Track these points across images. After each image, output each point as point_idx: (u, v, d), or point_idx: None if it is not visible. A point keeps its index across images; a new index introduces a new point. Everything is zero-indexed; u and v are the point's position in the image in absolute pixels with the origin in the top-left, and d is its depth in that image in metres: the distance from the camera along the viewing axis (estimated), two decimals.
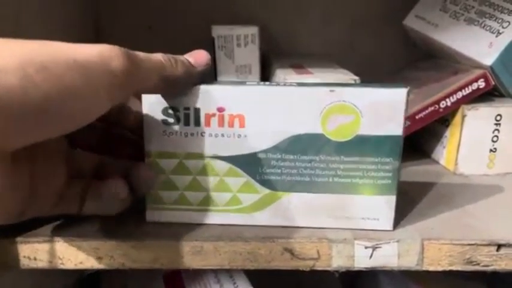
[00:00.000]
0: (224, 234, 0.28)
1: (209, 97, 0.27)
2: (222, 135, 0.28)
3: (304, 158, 0.28)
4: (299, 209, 0.29)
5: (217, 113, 0.27)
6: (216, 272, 0.40)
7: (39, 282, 0.40)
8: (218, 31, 0.41)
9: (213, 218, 0.29)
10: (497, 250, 0.27)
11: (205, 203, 0.29)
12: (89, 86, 0.20)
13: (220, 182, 0.28)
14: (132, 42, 0.54)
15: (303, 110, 0.27)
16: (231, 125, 0.27)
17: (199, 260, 0.28)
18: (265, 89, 0.27)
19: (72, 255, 0.28)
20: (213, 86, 0.27)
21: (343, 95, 0.27)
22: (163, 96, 0.27)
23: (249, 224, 0.29)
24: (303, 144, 0.27)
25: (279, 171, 0.28)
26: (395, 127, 0.27)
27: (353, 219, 0.28)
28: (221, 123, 0.27)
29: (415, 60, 0.51)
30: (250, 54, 0.41)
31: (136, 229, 0.29)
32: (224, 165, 0.28)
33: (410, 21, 0.48)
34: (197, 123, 0.28)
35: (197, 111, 0.27)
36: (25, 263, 0.28)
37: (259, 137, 0.28)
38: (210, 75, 0.29)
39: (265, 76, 0.44)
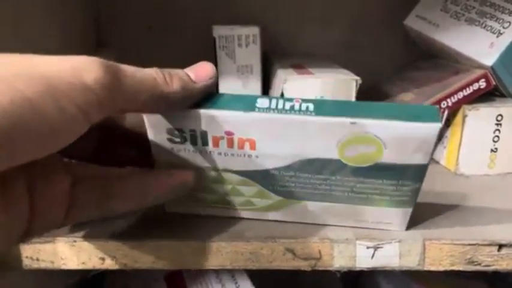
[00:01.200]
0: (226, 235, 0.28)
1: (215, 122, 0.25)
2: (232, 154, 0.26)
3: (319, 176, 0.26)
4: (313, 212, 0.28)
5: (226, 136, 0.25)
6: (218, 272, 0.40)
7: (41, 282, 0.40)
8: (219, 31, 0.41)
9: (228, 212, 0.29)
10: (499, 250, 0.28)
11: (220, 203, 0.29)
12: (59, 104, 0.18)
13: (233, 189, 0.28)
14: (132, 42, 0.54)
15: (320, 139, 0.25)
16: (241, 147, 0.26)
17: (201, 260, 0.28)
18: (278, 117, 0.24)
19: (74, 255, 0.28)
20: (219, 112, 0.25)
21: (365, 127, 0.24)
22: (164, 116, 0.25)
23: (263, 218, 0.29)
24: (318, 166, 0.26)
25: (293, 184, 0.27)
26: (422, 157, 0.24)
27: (366, 222, 0.28)
28: (230, 145, 0.26)
29: (415, 60, 0.51)
30: (251, 55, 0.41)
31: (138, 230, 0.29)
32: (236, 177, 0.27)
33: (411, 21, 0.49)
34: (205, 143, 0.26)
35: (204, 133, 0.25)
36: (27, 263, 0.28)
37: (271, 158, 0.26)
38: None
39: (267, 76, 0.44)
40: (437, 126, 0.23)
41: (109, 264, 0.28)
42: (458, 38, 0.42)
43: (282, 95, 0.36)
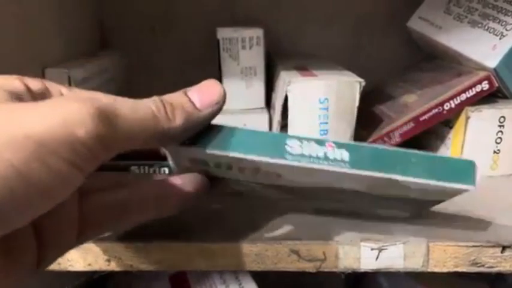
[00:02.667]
0: (231, 236, 0.28)
1: (242, 160, 0.23)
2: (259, 177, 0.25)
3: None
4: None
5: (253, 167, 0.24)
6: (222, 273, 0.40)
7: (48, 284, 0.40)
8: (223, 33, 0.41)
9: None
10: (502, 252, 0.28)
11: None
12: (50, 166, 0.16)
13: (259, 191, 0.28)
14: (135, 43, 0.54)
15: (351, 183, 0.24)
16: (267, 175, 0.25)
17: (206, 262, 0.28)
18: (310, 166, 0.23)
19: (81, 257, 0.28)
20: (247, 155, 0.23)
21: (400, 181, 0.23)
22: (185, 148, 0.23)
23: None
24: (347, 193, 0.26)
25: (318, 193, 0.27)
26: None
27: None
28: (256, 172, 0.25)
29: (418, 61, 0.51)
30: (255, 56, 0.41)
31: (144, 231, 0.29)
32: (261, 186, 0.27)
33: (414, 23, 0.49)
34: (229, 168, 0.25)
35: (229, 165, 0.24)
36: None
37: (297, 183, 0.25)
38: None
39: (269, 78, 0.44)
40: (471, 188, 0.23)
41: (115, 265, 0.29)
42: (461, 40, 0.42)
43: (286, 97, 0.37)
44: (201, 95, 0.22)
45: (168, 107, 0.21)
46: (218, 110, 0.23)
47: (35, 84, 0.20)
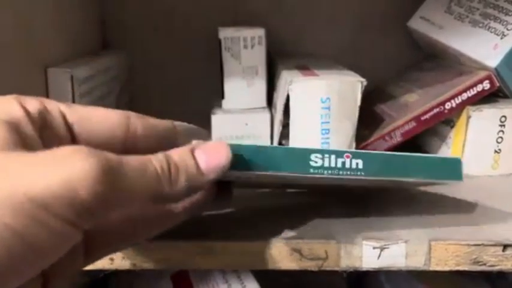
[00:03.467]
0: (233, 235, 0.28)
1: (269, 175, 0.25)
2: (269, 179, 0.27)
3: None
4: None
5: (272, 177, 0.26)
6: (224, 272, 0.40)
7: None
8: (225, 33, 0.41)
9: None
10: (503, 250, 0.28)
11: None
12: (50, 226, 0.16)
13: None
14: (137, 43, 0.54)
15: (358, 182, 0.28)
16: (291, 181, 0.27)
17: (208, 260, 0.29)
18: (330, 177, 0.26)
19: None
20: (275, 172, 0.24)
21: (404, 181, 0.27)
22: None
23: None
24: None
25: None
26: None
27: None
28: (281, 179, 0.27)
29: (419, 61, 0.51)
30: (257, 56, 0.42)
31: None
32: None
33: (415, 23, 0.49)
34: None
35: (255, 176, 0.25)
36: None
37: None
38: None
39: (271, 77, 0.44)
40: (459, 182, 0.28)
41: (118, 264, 0.29)
42: (462, 39, 0.42)
43: (288, 96, 0.37)
44: (207, 156, 0.22)
45: (172, 169, 0.20)
46: (223, 173, 0.22)
47: (33, 105, 0.20)
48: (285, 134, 0.38)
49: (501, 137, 0.39)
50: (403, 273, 0.46)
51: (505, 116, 0.38)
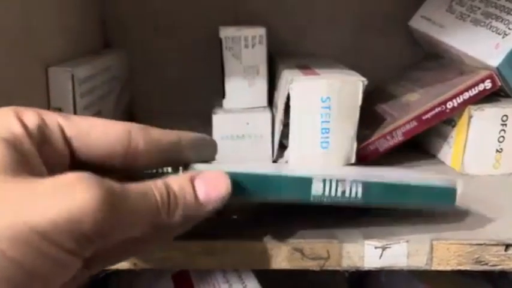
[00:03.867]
0: (234, 234, 0.28)
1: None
2: None
3: None
4: None
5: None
6: (225, 272, 0.40)
7: None
8: (226, 32, 0.41)
9: None
10: (506, 250, 0.28)
11: None
12: (53, 258, 0.16)
13: None
14: (138, 43, 0.54)
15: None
16: None
17: (209, 260, 0.28)
18: (329, 204, 0.26)
19: None
20: (274, 200, 0.25)
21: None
22: None
23: None
24: None
25: None
26: None
27: None
28: None
29: (420, 60, 0.51)
30: (257, 55, 0.41)
31: None
32: None
33: (416, 22, 0.49)
34: None
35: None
36: None
37: None
38: None
39: (271, 77, 0.44)
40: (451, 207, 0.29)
41: (119, 264, 0.29)
42: (464, 39, 0.42)
43: (288, 95, 0.37)
44: (207, 187, 0.21)
45: (171, 199, 0.20)
46: (221, 205, 0.22)
47: (31, 119, 0.20)
48: (285, 133, 0.38)
49: (503, 136, 0.39)
50: (404, 273, 0.46)
51: (506, 115, 0.38)
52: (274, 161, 0.41)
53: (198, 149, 0.25)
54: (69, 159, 0.21)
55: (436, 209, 0.30)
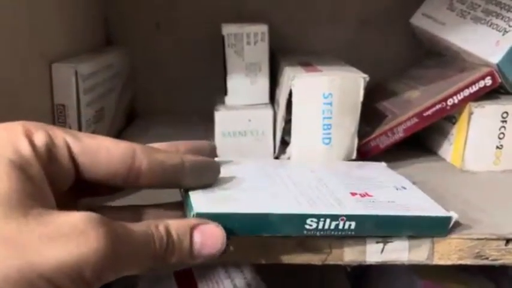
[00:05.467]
0: None
1: None
2: None
3: None
4: None
5: None
6: (227, 268, 0.40)
7: None
8: (228, 29, 0.41)
9: None
10: (506, 244, 0.28)
11: None
12: None
13: None
14: (140, 40, 0.55)
15: None
16: None
17: None
18: (321, 237, 0.27)
19: None
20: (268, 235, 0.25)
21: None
22: None
23: None
24: None
25: None
26: None
27: None
28: None
29: (421, 58, 0.51)
30: (260, 52, 0.42)
31: None
32: None
33: (417, 20, 0.49)
34: None
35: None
36: None
37: None
38: None
39: (273, 74, 0.45)
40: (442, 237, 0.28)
41: None
42: (464, 36, 0.42)
43: (290, 92, 0.37)
44: (204, 240, 0.22)
45: (170, 247, 0.21)
46: (214, 257, 0.23)
47: (40, 139, 0.20)
48: (287, 130, 0.38)
49: (503, 133, 0.39)
50: (404, 268, 0.46)
51: (506, 112, 0.38)
52: (276, 158, 0.41)
53: (200, 173, 0.25)
54: (74, 176, 0.22)
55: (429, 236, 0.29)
